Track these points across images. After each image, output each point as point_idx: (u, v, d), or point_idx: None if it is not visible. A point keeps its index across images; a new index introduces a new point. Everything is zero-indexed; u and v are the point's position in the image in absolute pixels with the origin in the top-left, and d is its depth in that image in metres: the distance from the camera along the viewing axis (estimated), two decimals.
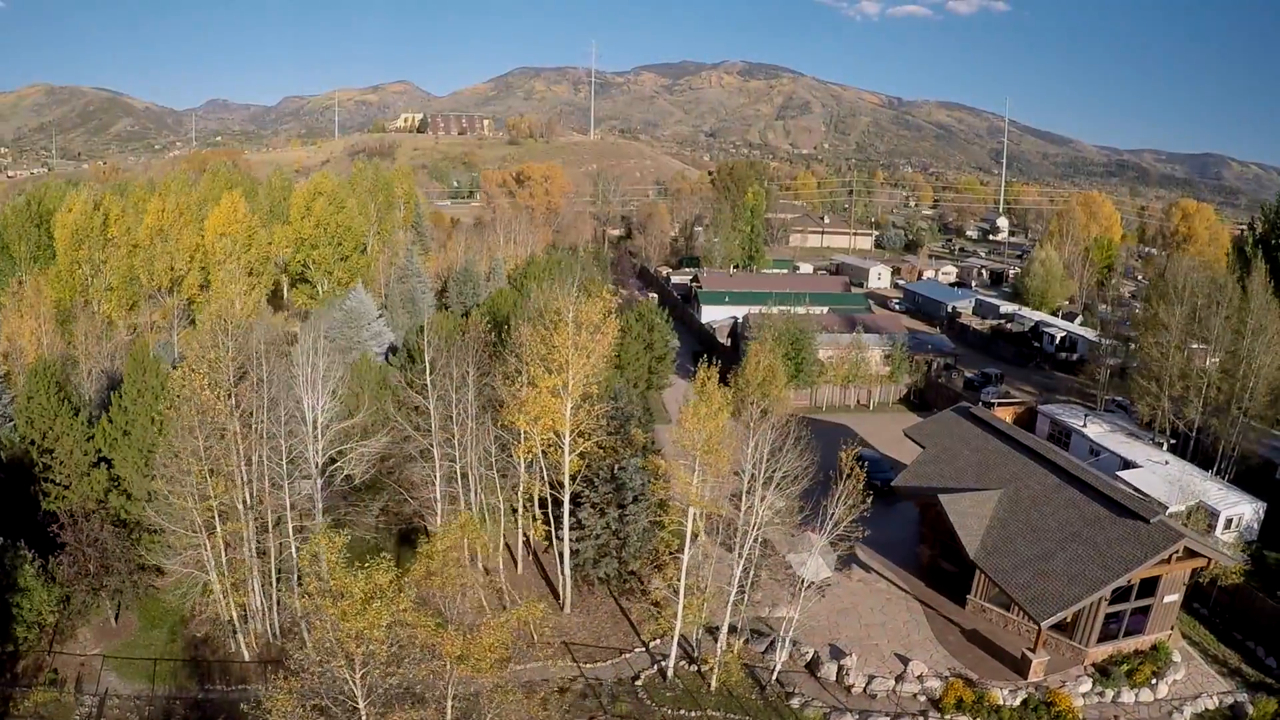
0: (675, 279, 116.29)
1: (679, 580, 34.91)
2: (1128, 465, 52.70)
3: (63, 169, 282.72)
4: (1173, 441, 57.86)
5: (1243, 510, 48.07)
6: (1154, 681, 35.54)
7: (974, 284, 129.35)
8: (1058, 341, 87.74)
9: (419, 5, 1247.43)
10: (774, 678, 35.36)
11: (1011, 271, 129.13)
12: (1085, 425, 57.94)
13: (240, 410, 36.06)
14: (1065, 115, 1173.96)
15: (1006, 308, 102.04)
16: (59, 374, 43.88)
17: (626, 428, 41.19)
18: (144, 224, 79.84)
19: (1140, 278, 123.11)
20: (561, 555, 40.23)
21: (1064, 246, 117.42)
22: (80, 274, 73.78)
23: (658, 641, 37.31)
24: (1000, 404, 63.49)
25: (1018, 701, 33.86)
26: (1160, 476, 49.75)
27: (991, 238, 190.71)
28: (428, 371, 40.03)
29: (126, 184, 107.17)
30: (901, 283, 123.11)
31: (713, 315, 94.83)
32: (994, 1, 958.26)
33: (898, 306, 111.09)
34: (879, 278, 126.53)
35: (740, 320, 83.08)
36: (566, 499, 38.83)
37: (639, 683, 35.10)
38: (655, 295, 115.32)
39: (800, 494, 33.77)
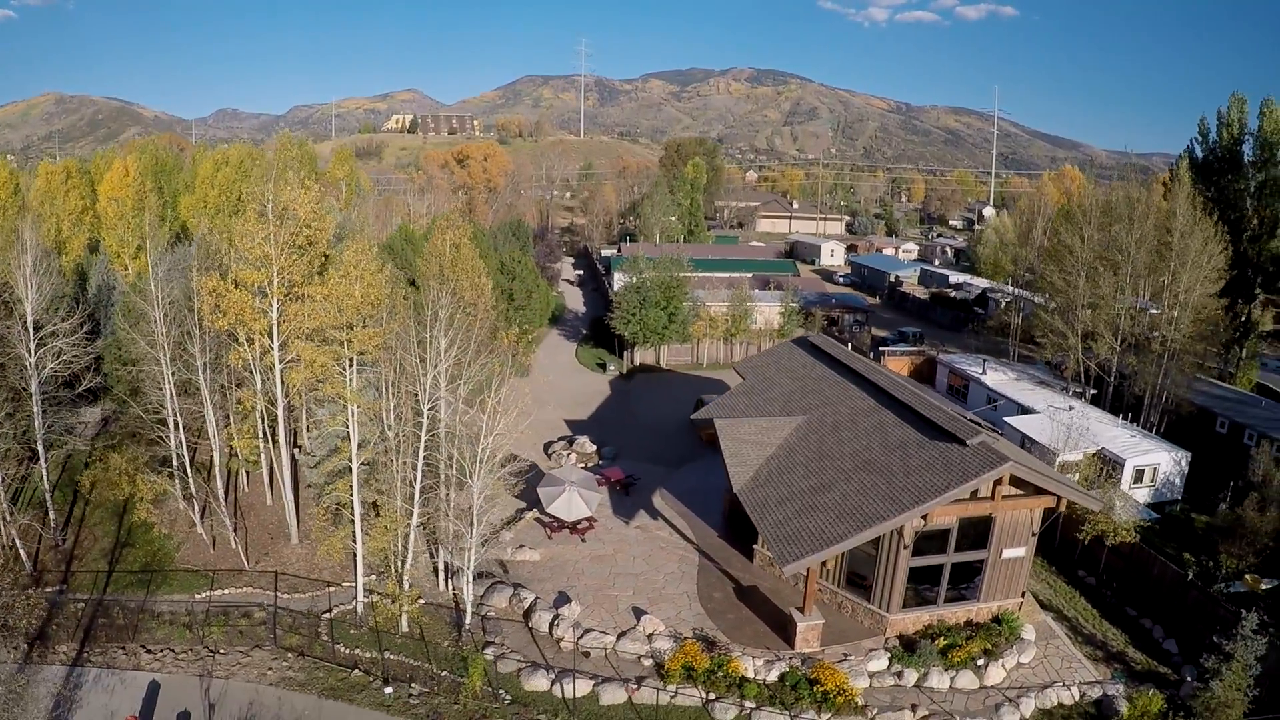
0: (606, 252, 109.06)
1: (350, 495, 28.41)
2: (1025, 412, 43.89)
3: None
4: (1094, 392, 48.81)
5: (1157, 460, 38.97)
6: (981, 663, 26.60)
7: (937, 261, 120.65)
8: (1002, 307, 78.93)
9: (429, 15, 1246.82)
10: (467, 623, 28.06)
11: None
12: (984, 373, 48.99)
13: None
14: (1074, 119, 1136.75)
15: (956, 278, 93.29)
16: None
17: None
18: (33, 188, 78.58)
19: None
20: (281, 479, 33.84)
21: (1034, 219, 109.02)
22: None
23: (374, 577, 30.69)
24: (892, 354, 54.66)
25: (773, 675, 25.06)
26: (1059, 423, 40.78)
27: (977, 226, 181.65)
28: (149, 277, 34.77)
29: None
30: (853, 258, 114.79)
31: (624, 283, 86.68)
32: (1002, 6, 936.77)
33: (843, 280, 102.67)
34: (831, 254, 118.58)
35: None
36: (281, 413, 32.88)
37: (329, 616, 29.32)
38: (581, 271, 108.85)
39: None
